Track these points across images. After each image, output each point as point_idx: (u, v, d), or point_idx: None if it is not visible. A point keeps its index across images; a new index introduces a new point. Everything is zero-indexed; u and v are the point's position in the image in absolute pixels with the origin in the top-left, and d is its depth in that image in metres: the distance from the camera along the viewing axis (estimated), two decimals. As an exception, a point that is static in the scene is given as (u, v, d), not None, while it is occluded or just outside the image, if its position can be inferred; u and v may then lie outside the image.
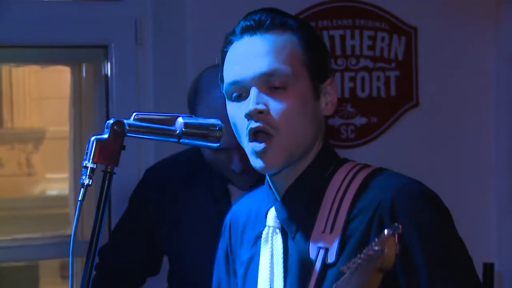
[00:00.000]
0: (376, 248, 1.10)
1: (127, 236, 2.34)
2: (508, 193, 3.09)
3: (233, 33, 1.42)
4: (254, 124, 1.32)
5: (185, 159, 2.31)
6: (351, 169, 1.42)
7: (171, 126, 1.41)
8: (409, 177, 1.41)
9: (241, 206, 1.60)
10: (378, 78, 2.96)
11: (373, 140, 2.98)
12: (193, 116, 1.44)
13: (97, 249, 1.32)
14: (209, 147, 1.48)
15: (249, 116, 1.32)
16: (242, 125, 1.36)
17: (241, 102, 1.35)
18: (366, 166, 1.42)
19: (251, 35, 1.37)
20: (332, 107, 1.42)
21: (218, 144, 1.42)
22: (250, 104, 1.32)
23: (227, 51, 1.41)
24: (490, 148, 3.12)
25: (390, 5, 2.92)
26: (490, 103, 3.10)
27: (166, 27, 2.84)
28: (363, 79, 2.96)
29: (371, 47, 2.91)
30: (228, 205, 2.06)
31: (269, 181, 1.45)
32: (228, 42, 1.42)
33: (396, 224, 1.10)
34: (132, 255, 2.31)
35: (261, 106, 1.32)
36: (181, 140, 1.40)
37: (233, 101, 1.38)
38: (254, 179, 2.01)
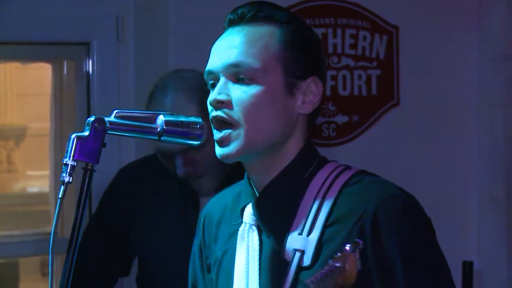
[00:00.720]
0: (337, 264, 1.12)
1: (98, 235, 2.35)
2: (488, 192, 3.12)
3: (224, 26, 1.44)
4: (214, 113, 1.35)
5: (158, 160, 2.34)
6: (333, 171, 1.42)
7: (152, 123, 1.39)
8: (392, 184, 1.42)
9: (216, 202, 1.59)
10: (360, 77, 2.98)
11: (354, 138, 3.00)
12: (174, 114, 1.43)
13: (77, 247, 1.31)
14: (190, 145, 1.46)
15: (211, 105, 1.35)
16: (209, 110, 1.40)
17: (212, 92, 1.40)
18: (347, 168, 1.42)
19: (232, 28, 1.39)
20: (311, 106, 1.41)
21: (199, 142, 1.41)
22: (214, 93, 1.35)
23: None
24: (471, 147, 3.15)
25: (372, 4, 2.94)
26: (471, 103, 3.13)
27: (148, 25, 2.85)
28: (344, 77, 2.97)
29: (353, 46, 2.93)
30: (196, 207, 2.11)
31: (248, 176, 1.45)
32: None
33: (357, 240, 1.12)
34: (104, 254, 2.33)
35: (222, 97, 1.33)
36: (162, 138, 1.40)
37: (210, 88, 1.40)
38: (215, 183, 2.04)
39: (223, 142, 1.37)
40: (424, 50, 3.07)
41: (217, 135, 1.38)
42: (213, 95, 1.36)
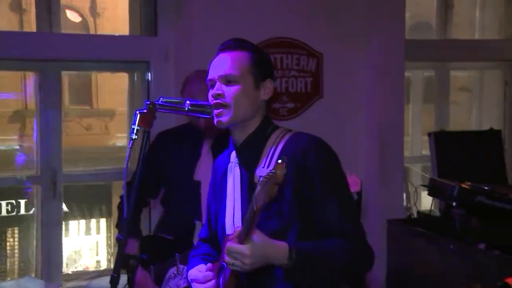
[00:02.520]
0: (273, 171, 1.47)
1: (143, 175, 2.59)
2: (371, 147, 3.99)
3: (216, 50, 1.86)
4: (215, 101, 1.77)
5: (179, 129, 2.86)
6: (282, 131, 1.84)
7: (182, 105, 1.81)
8: (314, 135, 1.84)
9: (219, 158, 2.03)
10: (301, 82, 3.84)
11: (297, 116, 3.83)
12: (194, 99, 1.83)
13: (141, 178, 1.71)
14: (203, 117, 1.85)
15: (213, 96, 1.77)
16: (211, 101, 1.79)
17: (212, 88, 1.81)
18: (290, 130, 1.86)
19: (222, 53, 1.82)
20: (268, 95, 1.82)
21: (209, 116, 1.80)
22: (214, 90, 1.78)
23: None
24: (360, 124, 4.01)
25: (306, 39, 3.81)
26: (361, 99, 3.98)
27: (182, 53, 3.66)
28: (292, 82, 3.80)
29: (297, 64, 3.79)
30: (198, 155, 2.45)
31: (231, 139, 1.86)
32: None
33: (284, 157, 1.51)
34: (145, 186, 2.60)
35: (219, 92, 1.76)
36: (188, 113, 1.81)
37: (210, 87, 1.81)
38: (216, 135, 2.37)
39: (219, 116, 1.77)
40: (336, 65, 3.93)
41: (215, 111, 1.77)
42: (214, 91, 1.77)
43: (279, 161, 1.46)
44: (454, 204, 3.08)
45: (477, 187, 3.04)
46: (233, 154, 1.86)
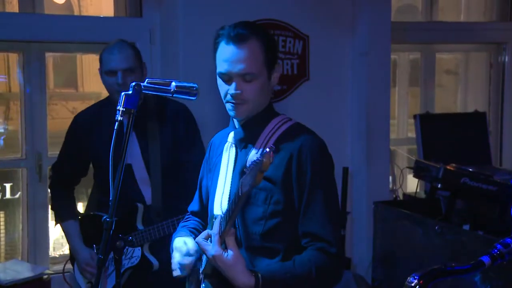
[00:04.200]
0: (260, 158, 1.47)
1: (67, 155, 2.92)
2: (357, 129, 4.07)
3: (222, 35, 1.79)
4: (235, 100, 1.79)
5: (96, 107, 2.90)
6: (282, 119, 1.85)
7: (168, 87, 1.80)
8: (312, 132, 1.84)
9: (217, 135, 2.06)
10: (287, 64, 3.87)
11: (284, 98, 3.89)
12: (181, 81, 1.81)
13: (125, 155, 1.69)
14: (189, 99, 1.84)
15: (232, 96, 1.78)
16: (223, 93, 1.81)
17: (226, 83, 1.80)
18: (290, 119, 1.86)
19: (234, 44, 1.76)
20: (276, 79, 1.84)
21: (195, 98, 1.83)
22: (233, 88, 1.77)
23: (218, 43, 1.80)
24: (346, 106, 4.07)
25: (293, 21, 3.83)
26: (347, 80, 4.05)
27: (167, 34, 3.69)
28: (279, 64, 3.40)
29: (283, 46, 3.82)
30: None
31: (232, 118, 1.88)
32: (218, 37, 1.80)
33: (272, 146, 1.51)
34: (71, 166, 2.90)
35: (238, 91, 1.77)
36: (174, 95, 1.79)
37: (222, 79, 1.80)
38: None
39: (237, 110, 1.80)
40: (322, 48, 3.95)
41: (232, 106, 1.80)
42: (232, 90, 1.77)
43: (267, 149, 1.47)
44: (439, 185, 3.12)
45: (461, 169, 3.09)
46: (232, 134, 1.89)
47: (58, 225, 2.93)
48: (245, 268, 1.67)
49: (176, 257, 1.88)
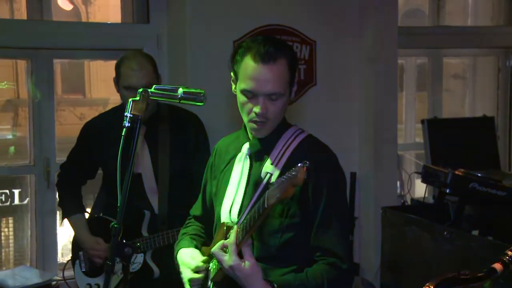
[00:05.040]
0: (293, 173, 1.46)
1: (76, 158, 2.96)
2: (365, 135, 4.06)
3: (247, 49, 1.76)
4: (259, 118, 1.78)
5: (107, 114, 2.94)
6: (294, 132, 1.85)
7: (175, 93, 1.78)
8: (326, 146, 1.86)
9: (223, 141, 2.06)
10: None
11: (291, 104, 2.92)
12: (187, 87, 1.80)
13: (133, 162, 1.68)
14: (196, 105, 1.83)
15: (257, 114, 1.77)
16: (246, 110, 1.79)
17: (250, 100, 1.78)
18: (302, 131, 1.87)
19: (263, 64, 1.73)
20: (293, 94, 1.85)
21: (203, 104, 1.81)
22: (260, 108, 1.76)
23: (243, 57, 1.77)
24: (354, 112, 4.08)
25: (300, 27, 3.81)
26: (355, 85, 4.04)
27: (175, 40, 3.68)
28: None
29: None
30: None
31: (246, 127, 1.87)
32: (242, 49, 1.78)
33: (306, 162, 1.47)
34: (80, 169, 2.94)
35: (264, 110, 1.77)
36: (181, 101, 1.77)
37: (245, 96, 1.79)
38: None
39: (260, 130, 1.81)
40: (329, 53, 3.92)
41: (255, 125, 1.79)
42: (260, 111, 1.76)
43: (300, 164, 1.46)
44: (447, 191, 3.11)
45: (470, 174, 3.07)
46: (246, 145, 1.89)
47: (66, 220, 2.95)
48: (262, 277, 1.68)
49: (186, 274, 1.90)
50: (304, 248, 1.79)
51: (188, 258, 1.91)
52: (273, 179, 1.69)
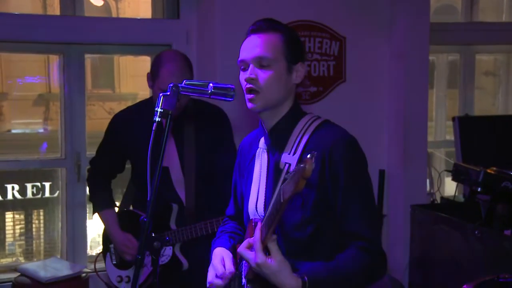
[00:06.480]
0: (302, 165, 1.46)
1: (105, 151, 2.97)
2: (394, 132, 4.02)
3: (247, 31, 1.82)
4: (248, 85, 1.76)
5: (136, 107, 2.93)
6: (310, 118, 1.83)
7: (206, 88, 1.79)
8: (343, 129, 1.81)
9: (246, 139, 2.06)
10: (323, 65, 3.84)
11: (319, 100, 3.85)
12: (217, 82, 1.81)
13: (163, 156, 1.69)
14: (226, 100, 1.82)
15: (246, 80, 1.77)
16: (243, 84, 1.79)
17: (245, 72, 1.79)
18: (318, 117, 1.83)
19: (254, 34, 1.78)
20: (300, 79, 1.81)
21: (233, 99, 1.80)
22: (247, 74, 1.76)
23: (243, 42, 1.83)
24: (383, 108, 4.06)
25: (330, 22, 3.82)
26: (383, 81, 4.01)
27: (204, 36, 3.73)
28: (315, 65, 3.79)
29: (320, 48, 3.80)
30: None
31: (261, 122, 1.87)
32: (245, 35, 1.84)
33: (313, 152, 1.47)
34: (109, 162, 2.95)
35: (252, 75, 1.75)
36: (211, 96, 1.78)
37: (241, 70, 1.80)
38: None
39: (252, 101, 1.77)
40: (359, 49, 3.91)
41: (248, 96, 1.77)
42: (247, 75, 1.76)
43: (308, 156, 1.45)
44: (479, 189, 3.05)
45: (503, 173, 3.01)
46: (262, 140, 1.88)
47: (96, 215, 2.97)
48: (291, 272, 1.65)
49: (210, 275, 1.91)
50: (332, 236, 1.77)
51: (218, 261, 1.92)
52: (292, 168, 1.66)
